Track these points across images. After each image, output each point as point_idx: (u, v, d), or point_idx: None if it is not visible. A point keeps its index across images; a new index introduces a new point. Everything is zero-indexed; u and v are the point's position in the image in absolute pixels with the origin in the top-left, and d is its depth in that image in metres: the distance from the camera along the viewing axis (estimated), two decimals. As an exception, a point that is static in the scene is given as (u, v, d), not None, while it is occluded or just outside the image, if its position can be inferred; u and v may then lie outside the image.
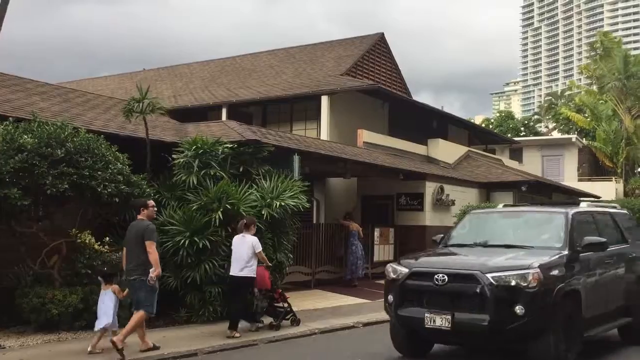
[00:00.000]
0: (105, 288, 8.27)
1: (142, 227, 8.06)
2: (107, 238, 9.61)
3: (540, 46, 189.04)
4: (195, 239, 9.98)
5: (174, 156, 11.22)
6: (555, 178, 30.35)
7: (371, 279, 16.85)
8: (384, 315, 11.41)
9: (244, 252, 9.40)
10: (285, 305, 10.48)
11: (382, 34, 26.07)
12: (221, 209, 10.19)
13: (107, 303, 8.10)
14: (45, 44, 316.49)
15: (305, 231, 15.08)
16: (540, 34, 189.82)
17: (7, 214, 8.35)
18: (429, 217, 18.59)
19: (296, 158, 12.56)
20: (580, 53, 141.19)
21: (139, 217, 8.31)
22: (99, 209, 9.23)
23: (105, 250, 9.44)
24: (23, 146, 8.19)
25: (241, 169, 11.52)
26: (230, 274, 9.53)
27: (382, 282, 16.88)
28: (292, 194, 11.12)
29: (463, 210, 18.47)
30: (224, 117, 20.94)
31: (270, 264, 10.36)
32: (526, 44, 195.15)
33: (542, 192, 23.86)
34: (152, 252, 7.91)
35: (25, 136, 8.30)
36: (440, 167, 21.94)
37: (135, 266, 7.95)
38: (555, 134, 49.51)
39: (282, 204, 10.83)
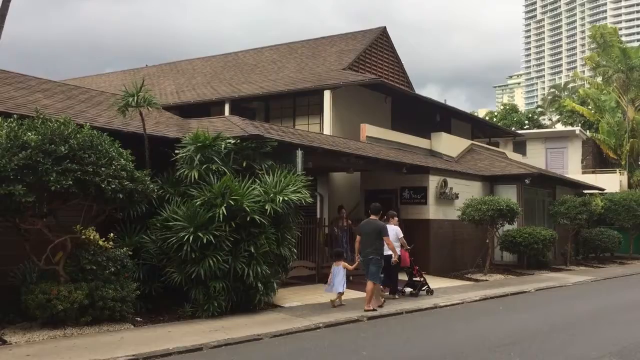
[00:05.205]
0: (337, 264, 11.80)
1: (379, 225, 11.69)
2: (112, 234, 9.65)
3: (544, 39, 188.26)
4: (199, 234, 10.00)
5: (176, 151, 11.26)
6: (559, 170, 30.30)
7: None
8: (388, 309, 11.50)
9: (390, 237, 12.10)
10: (422, 279, 13.63)
11: (384, 27, 25.99)
12: (225, 204, 10.21)
13: (340, 274, 11.61)
14: (54, 41, 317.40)
15: (309, 226, 15.14)
16: (544, 26, 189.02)
17: (11, 210, 8.35)
18: (433, 211, 18.59)
19: (299, 153, 12.57)
20: (583, 45, 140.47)
21: (373, 217, 11.83)
22: (103, 205, 9.25)
23: (110, 246, 9.47)
24: (27, 143, 8.20)
25: (244, 164, 11.54)
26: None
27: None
28: (295, 188, 11.12)
29: (467, 203, 18.50)
30: (226, 112, 20.97)
31: (409, 247, 13.71)
32: (529, 37, 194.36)
33: (545, 185, 23.84)
34: (390, 243, 11.81)
35: (29, 133, 8.31)
36: (444, 160, 21.92)
37: (372, 250, 11.42)
38: (559, 127, 49.39)
39: (286, 198, 10.83)
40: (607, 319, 11.55)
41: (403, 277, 13.93)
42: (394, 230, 12.86)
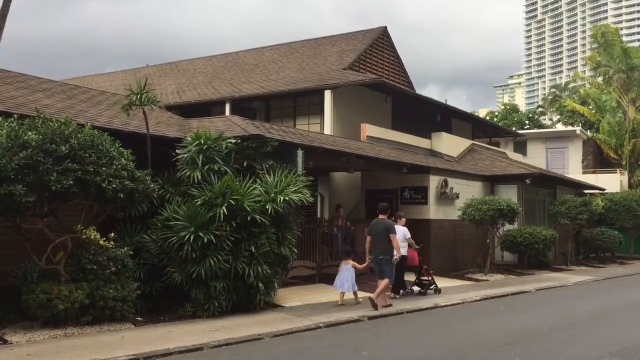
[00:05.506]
0: (346, 263, 11.89)
1: (387, 224, 11.89)
2: (112, 234, 9.66)
3: (544, 39, 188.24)
4: (200, 234, 10.01)
5: (177, 151, 11.27)
6: (559, 170, 30.28)
7: (371, 273, 16.84)
8: (385, 310, 11.49)
9: (397, 237, 12.15)
10: (430, 278, 13.75)
11: (385, 27, 25.98)
12: (225, 204, 10.22)
13: (348, 273, 11.71)
14: (54, 41, 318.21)
15: (309, 226, 15.13)
16: (544, 26, 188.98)
17: (12, 210, 8.35)
18: (433, 211, 18.59)
19: (300, 152, 12.57)
20: (584, 45, 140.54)
21: (381, 216, 11.99)
22: (103, 204, 9.25)
23: (111, 245, 9.48)
24: (27, 143, 8.20)
25: (245, 164, 11.54)
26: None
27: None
28: (296, 188, 11.12)
29: (467, 203, 18.50)
30: (227, 112, 20.96)
31: (417, 246, 13.81)
32: (530, 37, 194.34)
33: (546, 185, 23.83)
34: (395, 241, 11.77)
35: (30, 133, 8.31)
36: (444, 160, 21.91)
37: (382, 250, 11.66)
38: (560, 127, 49.38)
39: (286, 198, 10.83)
40: (608, 318, 11.55)
41: (411, 277, 13.95)
42: (401, 231, 13.03)
